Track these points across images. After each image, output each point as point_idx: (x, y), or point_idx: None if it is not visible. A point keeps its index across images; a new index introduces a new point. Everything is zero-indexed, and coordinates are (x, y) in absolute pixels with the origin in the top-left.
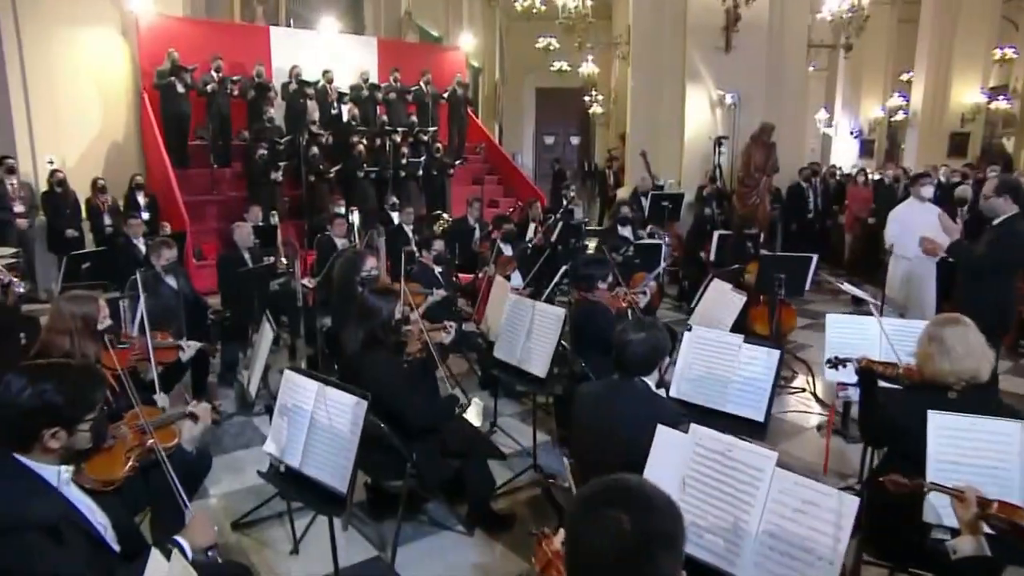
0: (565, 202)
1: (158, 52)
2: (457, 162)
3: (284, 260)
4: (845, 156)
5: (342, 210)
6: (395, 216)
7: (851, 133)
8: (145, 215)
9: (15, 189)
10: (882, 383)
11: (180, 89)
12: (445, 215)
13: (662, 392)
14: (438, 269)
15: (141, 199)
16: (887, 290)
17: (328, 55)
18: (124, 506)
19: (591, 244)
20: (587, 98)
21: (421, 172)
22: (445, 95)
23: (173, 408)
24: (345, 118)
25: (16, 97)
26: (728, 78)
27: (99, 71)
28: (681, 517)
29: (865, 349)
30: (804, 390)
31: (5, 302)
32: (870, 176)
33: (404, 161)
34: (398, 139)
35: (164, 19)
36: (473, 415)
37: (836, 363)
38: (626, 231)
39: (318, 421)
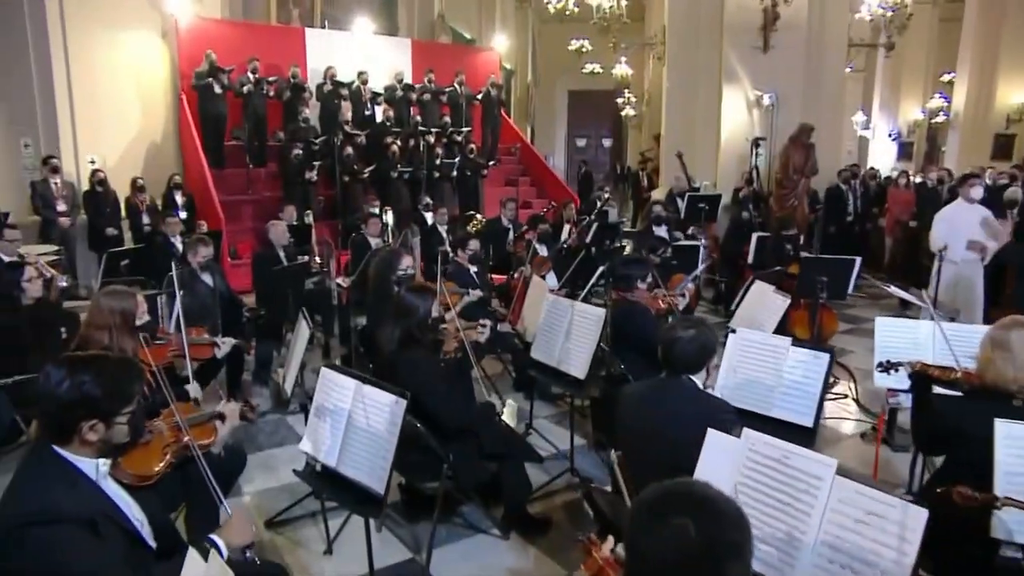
0: (599, 203)
1: (196, 54)
2: (490, 163)
3: (318, 259)
4: (882, 159)
5: (376, 210)
6: (428, 216)
7: (889, 135)
8: (182, 214)
9: (58, 188)
10: (937, 389)
11: (217, 90)
12: (478, 216)
13: None
14: (473, 269)
15: (179, 198)
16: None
17: (362, 56)
18: (160, 502)
19: (627, 246)
20: (620, 100)
21: (455, 173)
22: (479, 96)
23: (204, 407)
24: (379, 118)
25: (61, 99)
26: (765, 78)
27: (139, 73)
28: (749, 525)
29: (916, 353)
30: (846, 396)
31: (47, 297)
32: (912, 179)
33: (438, 162)
34: (432, 140)
35: (202, 21)
36: (508, 417)
37: (887, 367)
38: (661, 231)
39: (355, 420)
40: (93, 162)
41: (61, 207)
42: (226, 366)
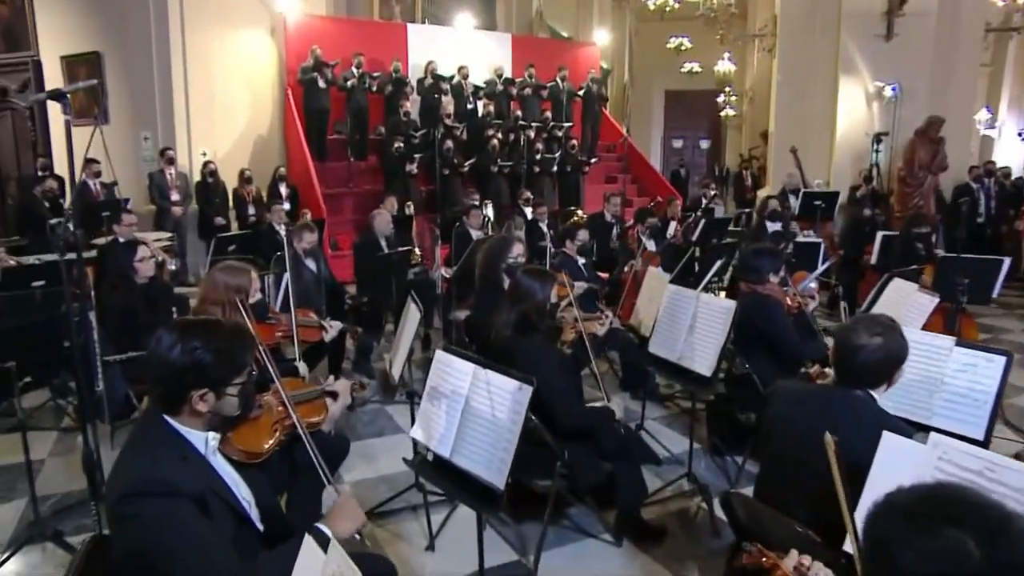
0: (705, 201)
1: (302, 50)
2: (592, 160)
3: (419, 251)
4: (1010, 160)
5: (477, 202)
6: (528, 211)
7: (1019, 134)
8: (286, 206)
9: (173, 179)
10: None
11: (321, 84)
12: (579, 211)
13: None
14: (581, 261)
15: (283, 190)
16: None
17: (463, 51)
18: (268, 483)
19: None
20: (720, 99)
21: (555, 168)
22: (580, 92)
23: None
24: (480, 113)
25: (178, 95)
26: (888, 68)
27: (249, 69)
28: None
29: None
30: None
31: (160, 277)
32: None
33: (538, 156)
34: (532, 134)
35: (309, 18)
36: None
37: None
38: (775, 227)
39: (473, 408)
40: (205, 154)
41: (175, 196)
42: (328, 354)
